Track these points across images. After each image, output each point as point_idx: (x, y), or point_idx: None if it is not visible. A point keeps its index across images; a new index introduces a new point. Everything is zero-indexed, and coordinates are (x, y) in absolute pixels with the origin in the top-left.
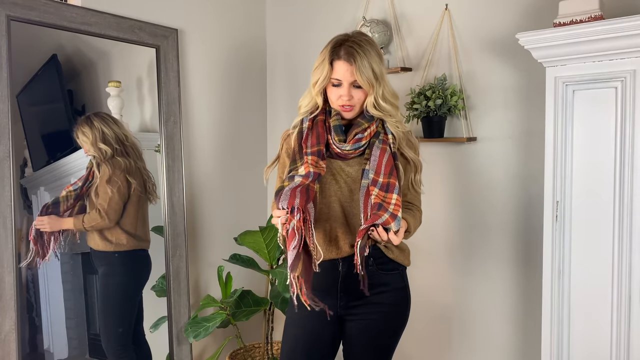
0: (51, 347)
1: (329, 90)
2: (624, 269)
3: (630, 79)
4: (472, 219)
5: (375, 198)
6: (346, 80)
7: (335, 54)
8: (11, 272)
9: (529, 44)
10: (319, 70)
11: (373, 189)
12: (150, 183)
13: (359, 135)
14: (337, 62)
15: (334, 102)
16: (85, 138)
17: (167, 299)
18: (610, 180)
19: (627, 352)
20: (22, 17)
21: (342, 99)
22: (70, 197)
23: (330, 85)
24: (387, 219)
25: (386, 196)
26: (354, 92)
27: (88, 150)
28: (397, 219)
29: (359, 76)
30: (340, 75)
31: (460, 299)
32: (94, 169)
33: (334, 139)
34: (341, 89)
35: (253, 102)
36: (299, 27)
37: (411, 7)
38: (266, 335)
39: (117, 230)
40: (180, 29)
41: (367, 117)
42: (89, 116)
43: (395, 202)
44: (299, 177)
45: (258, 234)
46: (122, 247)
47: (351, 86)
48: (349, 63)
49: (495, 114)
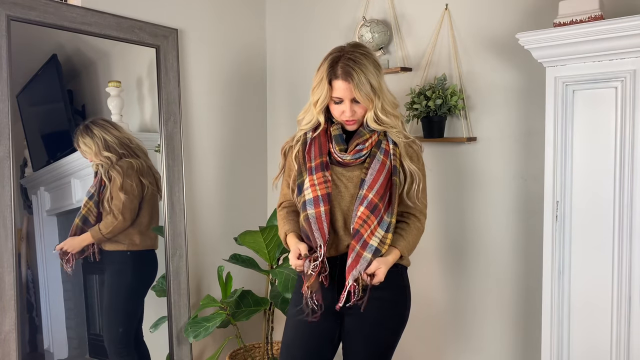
0: (51, 347)
1: (331, 107)
2: (624, 269)
3: (630, 79)
4: (472, 219)
5: (357, 220)
6: (346, 97)
7: (332, 74)
8: (11, 272)
9: (529, 44)
10: (319, 90)
11: (360, 207)
12: (160, 181)
13: (360, 147)
14: (336, 82)
15: (337, 117)
16: (87, 148)
17: (167, 299)
18: (610, 180)
19: (627, 352)
20: (22, 17)
21: (345, 114)
22: (92, 209)
23: (331, 102)
24: (363, 274)
25: (369, 217)
26: (355, 107)
27: (92, 159)
28: (368, 247)
29: (357, 94)
30: (340, 93)
31: (460, 298)
32: (103, 177)
33: (335, 149)
34: (342, 105)
35: (253, 102)
36: (299, 27)
37: (411, 7)
38: (266, 335)
39: (129, 230)
40: (180, 29)
41: (368, 127)
42: (87, 125)
43: (372, 229)
44: (310, 207)
45: (258, 234)
46: (134, 246)
47: (352, 102)
48: (347, 82)
49: (495, 114)
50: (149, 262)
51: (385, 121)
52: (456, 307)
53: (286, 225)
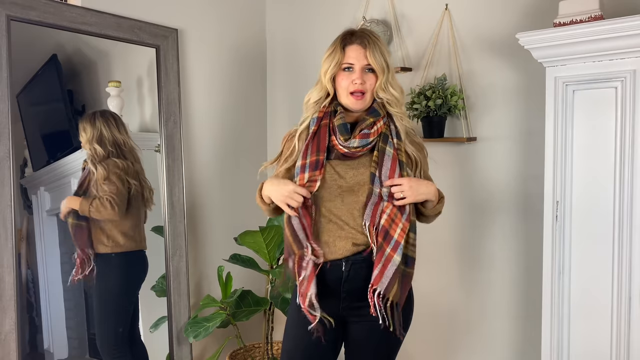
0: (51, 347)
1: (340, 78)
2: (624, 268)
3: (630, 79)
4: (472, 219)
5: (386, 219)
6: (359, 62)
7: (347, 40)
8: (11, 272)
9: (529, 44)
10: (330, 58)
11: (388, 205)
12: (147, 190)
13: (366, 131)
14: (350, 47)
15: (344, 91)
16: (83, 133)
17: (167, 299)
18: (610, 180)
19: (627, 352)
20: (22, 17)
21: (355, 82)
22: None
23: (340, 72)
24: (387, 288)
25: (397, 216)
26: (366, 77)
27: (84, 145)
28: (399, 249)
29: (372, 59)
30: (353, 58)
31: (460, 298)
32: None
33: (339, 139)
34: (353, 73)
35: (253, 102)
36: (299, 27)
37: (411, 7)
38: (266, 335)
39: (113, 231)
40: (180, 29)
41: (373, 112)
42: (95, 113)
43: (402, 228)
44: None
45: (258, 234)
46: (118, 248)
47: (363, 70)
48: (362, 46)
49: (495, 114)
50: (137, 263)
51: (392, 93)
52: (456, 307)
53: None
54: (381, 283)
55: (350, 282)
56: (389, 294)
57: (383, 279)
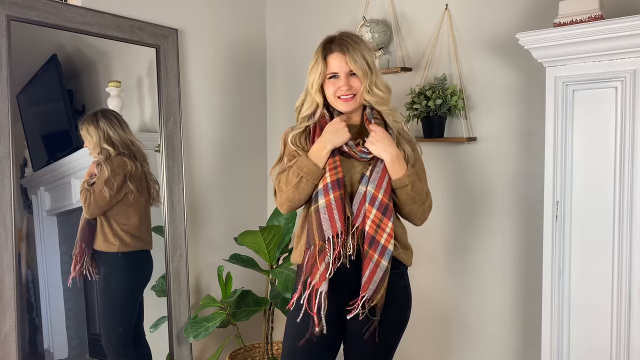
0: (51, 347)
1: (327, 86)
2: (624, 268)
3: (630, 79)
4: (472, 219)
5: (370, 225)
6: (342, 70)
7: (327, 49)
8: (11, 272)
9: (529, 44)
10: (314, 70)
11: (370, 209)
12: (154, 188)
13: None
14: (331, 56)
15: (333, 97)
16: (88, 136)
17: (167, 299)
18: (610, 180)
19: (627, 351)
20: (22, 17)
21: (341, 89)
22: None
23: (327, 80)
24: (372, 296)
25: (382, 221)
26: (351, 81)
27: (93, 149)
28: (386, 252)
29: (352, 64)
30: (335, 66)
31: (460, 298)
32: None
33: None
34: (338, 80)
35: (253, 102)
36: (299, 27)
37: (411, 7)
38: (266, 335)
39: (119, 231)
40: (180, 29)
41: (370, 119)
42: (96, 114)
43: (388, 232)
44: (321, 196)
45: (258, 234)
46: (125, 247)
47: (348, 76)
48: (342, 53)
49: (496, 114)
50: (143, 262)
51: (377, 94)
52: (456, 307)
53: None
54: (369, 290)
55: (348, 279)
56: (375, 299)
57: (371, 285)
